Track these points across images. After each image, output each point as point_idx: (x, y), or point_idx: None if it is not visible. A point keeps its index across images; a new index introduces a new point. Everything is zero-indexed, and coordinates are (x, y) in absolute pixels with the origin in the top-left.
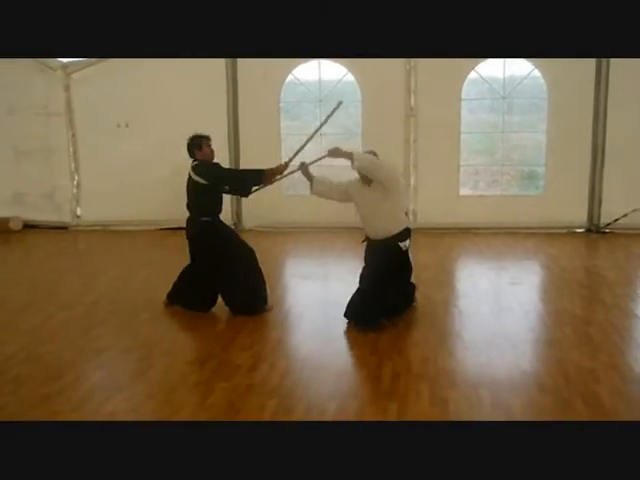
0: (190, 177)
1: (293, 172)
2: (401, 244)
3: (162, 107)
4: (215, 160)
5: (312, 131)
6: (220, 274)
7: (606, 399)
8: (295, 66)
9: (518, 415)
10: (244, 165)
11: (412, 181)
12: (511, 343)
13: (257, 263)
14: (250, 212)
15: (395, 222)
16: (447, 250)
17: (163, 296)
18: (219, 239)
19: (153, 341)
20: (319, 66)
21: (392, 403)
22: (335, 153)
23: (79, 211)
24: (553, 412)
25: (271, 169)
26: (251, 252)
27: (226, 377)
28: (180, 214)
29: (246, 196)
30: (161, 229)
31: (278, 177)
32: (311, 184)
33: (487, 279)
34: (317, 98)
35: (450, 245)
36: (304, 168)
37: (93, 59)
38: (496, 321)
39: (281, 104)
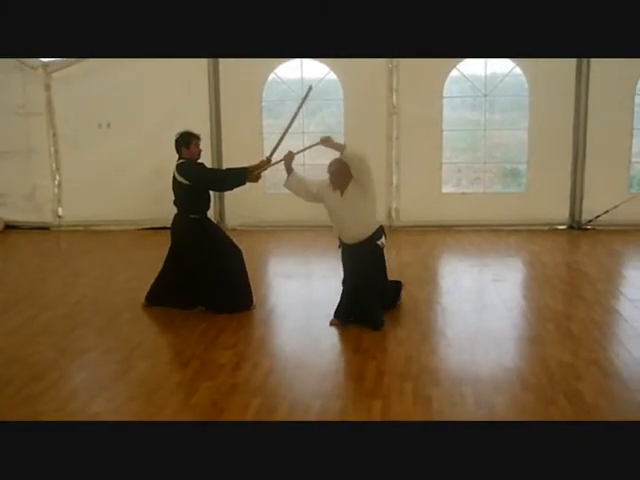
0: (174, 176)
1: (279, 161)
2: (379, 242)
3: (144, 107)
4: (200, 160)
5: (294, 130)
6: (207, 271)
7: (588, 396)
8: (277, 65)
9: (501, 413)
10: (227, 164)
11: (394, 179)
12: (494, 340)
13: (243, 262)
14: (233, 211)
15: (372, 222)
16: (430, 248)
17: (144, 297)
18: (207, 236)
19: (135, 341)
20: (301, 65)
21: (376, 402)
22: (327, 141)
23: (60, 211)
24: (536, 410)
25: (253, 166)
26: (238, 250)
27: (209, 376)
28: (161, 213)
29: (232, 188)
30: (142, 229)
31: (264, 169)
32: (287, 177)
33: (470, 276)
34: (299, 97)
35: (433, 242)
36: (290, 157)
37: (74, 58)
38: (479, 318)
39: (263, 103)
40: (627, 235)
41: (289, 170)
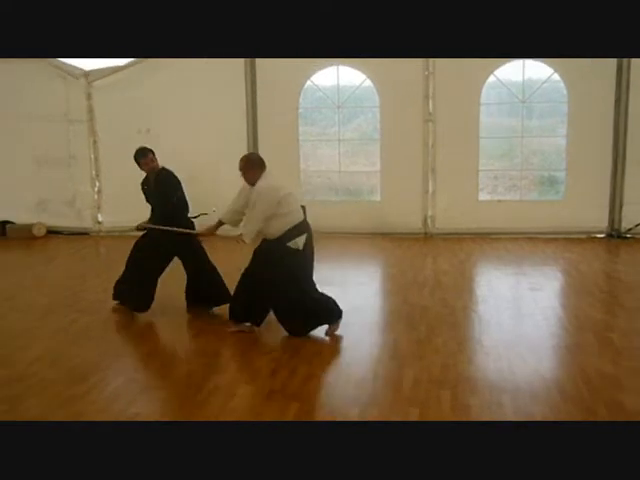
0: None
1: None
2: (289, 243)
3: (182, 113)
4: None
5: (330, 137)
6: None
7: (629, 406)
8: (313, 72)
9: None
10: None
11: (430, 186)
12: (532, 349)
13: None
14: None
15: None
16: (466, 255)
17: (182, 301)
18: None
19: (173, 345)
20: (337, 72)
21: (413, 409)
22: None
23: (100, 217)
24: (576, 420)
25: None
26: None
27: (247, 381)
28: (197, 219)
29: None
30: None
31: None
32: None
33: (506, 284)
34: (335, 104)
35: (469, 250)
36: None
37: (114, 67)
38: (516, 327)
39: (299, 110)
40: None
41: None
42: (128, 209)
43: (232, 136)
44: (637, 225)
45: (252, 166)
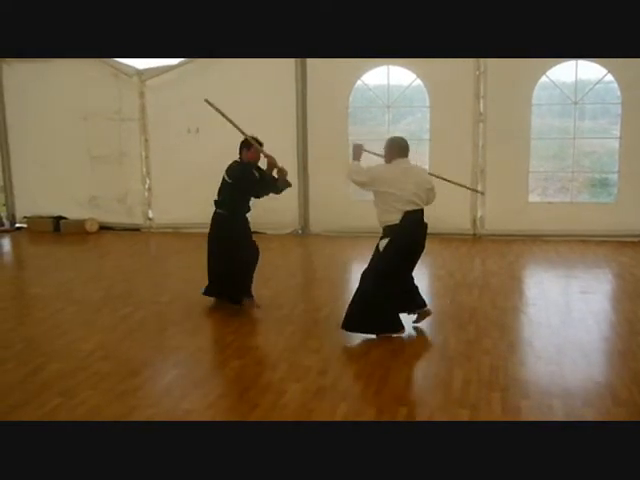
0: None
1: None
2: (381, 241)
3: (231, 111)
4: (284, 164)
5: (379, 137)
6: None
7: None
8: (364, 71)
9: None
10: (312, 169)
11: (480, 187)
12: (583, 353)
13: (251, 265)
14: (317, 217)
15: (380, 217)
16: (515, 257)
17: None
18: (226, 231)
19: (226, 341)
20: (388, 71)
21: (463, 411)
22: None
23: (151, 214)
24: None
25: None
26: (255, 252)
27: (297, 378)
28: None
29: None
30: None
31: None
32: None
33: (557, 287)
34: (385, 104)
35: (518, 252)
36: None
37: (167, 66)
38: (567, 330)
39: (349, 109)
40: None
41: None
42: (177, 206)
43: (281, 136)
44: None
45: (391, 148)
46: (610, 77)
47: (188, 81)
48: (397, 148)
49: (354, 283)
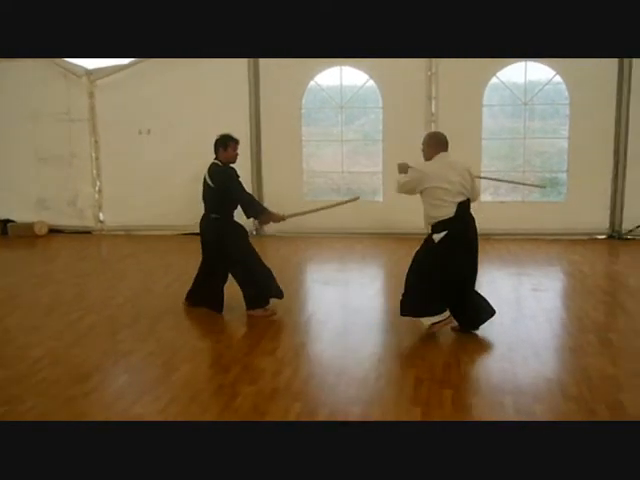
0: (205, 175)
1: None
2: (434, 236)
3: (184, 113)
4: (236, 165)
5: (333, 137)
6: (222, 270)
7: (630, 407)
8: (317, 72)
9: None
10: (266, 170)
11: None
12: (534, 350)
13: (258, 266)
14: None
15: (427, 212)
16: None
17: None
18: (227, 237)
19: (177, 345)
20: (341, 72)
21: (416, 409)
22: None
23: (102, 216)
24: (577, 420)
25: (271, 214)
26: (255, 255)
27: (251, 381)
28: (199, 220)
29: (247, 217)
30: (183, 234)
31: (275, 221)
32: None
33: (509, 285)
34: (338, 104)
35: None
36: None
37: (117, 66)
38: (519, 327)
39: (303, 110)
40: None
41: None
42: (129, 208)
43: (235, 135)
44: (638, 226)
45: (432, 143)
46: (559, 78)
47: (139, 81)
48: (439, 143)
49: (309, 283)
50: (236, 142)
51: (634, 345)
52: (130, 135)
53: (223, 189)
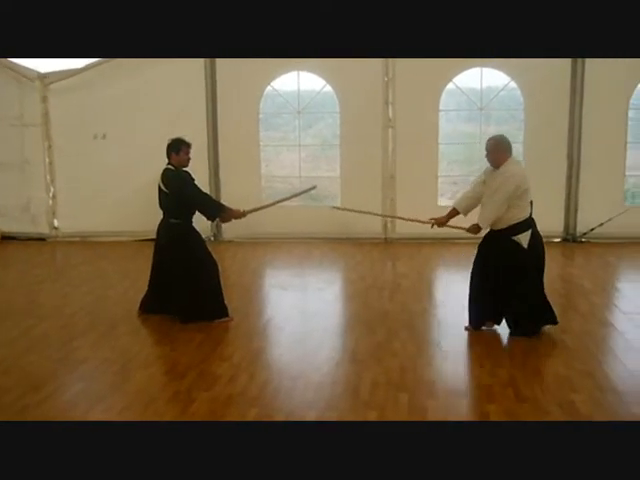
0: (159, 181)
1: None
2: (515, 237)
3: (140, 118)
4: (190, 170)
5: (291, 142)
6: (179, 277)
7: (582, 407)
8: (274, 77)
9: None
10: (223, 176)
11: (390, 192)
12: (489, 352)
13: (219, 275)
14: (229, 223)
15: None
16: (425, 260)
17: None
18: (186, 242)
19: (132, 352)
20: (298, 77)
21: (371, 412)
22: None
23: (56, 222)
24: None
25: (231, 211)
26: (214, 264)
27: (206, 387)
28: (156, 226)
29: (210, 220)
30: (139, 240)
31: (236, 217)
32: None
33: (464, 288)
34: (296, 109)
35: (429, 255)
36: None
37: (72, 70)
38: (474, 330)
39: (260, 115)
40: (621, 248)
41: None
42: (84, 214)
43: (192, 141)
44: (592, 230)
45: (500, 148)
46: (514, 84)
47: (94, 85)
48: (509, 147)
49: (266, 288)
50: (188, 146)
51: (586, 346)
52: (85, 140)
53: (178, 193)
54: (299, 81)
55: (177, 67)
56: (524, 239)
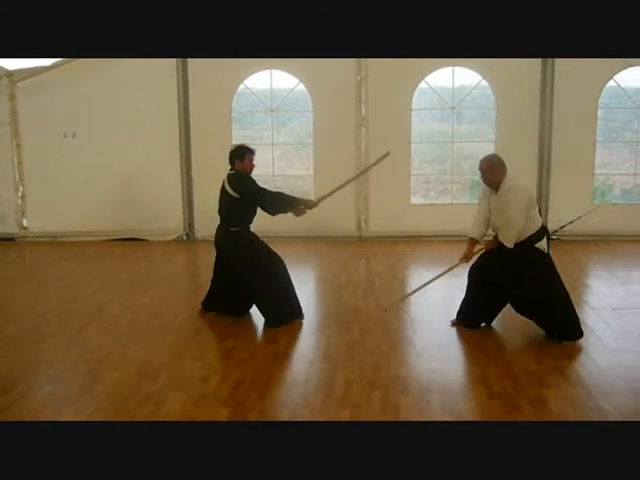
0: (223, 186)
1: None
2: (538, 245)
3: (111, 117)
4: (161, 169)
5: (264, 141)
6: (247, 283)
7: (552, 403)
8: (246, 75)
9: (467, 419)
10: (196, 175)
11: (363, 190)
12: (462, 349)
13: (287, 271)
14: (202, 222)
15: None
16: (399, 257)
17: (112, 308)
18: (253, 250)
19: (103, 353)
20: (271, 76)
21: (345, 410)
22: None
23: (25, 222)
24: (501, 416)
25: (304, 202)
26: (281, 262)
27: (178, 387)
28: (128, 224)
29: (273, 215)
30: (110, 240)
31: (310, 208)
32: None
33: (438, 286)
34: (269, 108)
35: (402, 253)
36: None
37: (41, 67)
38: (447, 328)
39: (233, 114)
40: (590, 245)
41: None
42: (55, 214)
43: (164, 140)
44: (562, 227)
45: (494, 166)
46: (485, 83)
47: (64, 83)
48: (502, 164)
49: None
50: (252, 152)
51: (557, 342)
52: (55, 139)
53: (252, 195)
54: (272, 79)
55: (148, 65)
56: (544, 246)
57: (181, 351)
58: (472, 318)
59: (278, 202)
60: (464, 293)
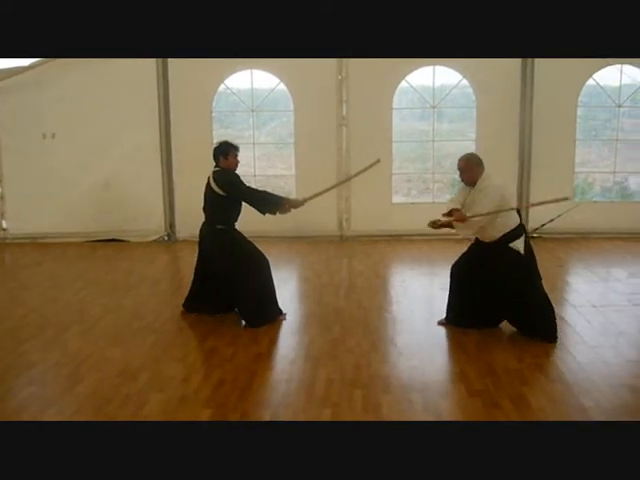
0: (208, 183)
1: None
2: (512, 244)
3: (90, 117)
4: (142, 169)
5: (245, 141)
6: (232, 282)
7: (533, 400)
8: (227, 75)
9: (448, 418)
10: (177, 175)
11: (345, 189)
12: (442, 348)
13: (270, 272)
14: (184, 222)
15: (502, 222)
16: (380, 257)
17: (93, 309)
18: (239, 247)
19: (84, 354)
20: (251, 75)
21: (326, 410)
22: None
23: (4, 224)
24: (482, 414)
25: (289, 201)
26: (266, 261)
27: (159, 388)
28: (109, 225)
29: (263, 214)
30: (91, 241)
31: (295, 207)
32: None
33: (419, 285)
34: (250, 108)
35: (383, 252)
36: None
37: (19, 67)
38: (428, 326)
39: (213, 113)
40: (571, 243)
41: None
42: (35, 215)
43: (144, 140)
44: (543, 225)
45: (472, 165)
46: (466, 82)
47: (42, 83)
48: (480, 162)
49: None
50: (236, 149)
51: (537, 340)
52: (34, 139)
53: (237, 192)
54: (252, 79)
55: (128, 65)
56: (520, 245)
57: (162, 352)
58: (462, 318)
59: (265, 201)
60: (447, 292)
